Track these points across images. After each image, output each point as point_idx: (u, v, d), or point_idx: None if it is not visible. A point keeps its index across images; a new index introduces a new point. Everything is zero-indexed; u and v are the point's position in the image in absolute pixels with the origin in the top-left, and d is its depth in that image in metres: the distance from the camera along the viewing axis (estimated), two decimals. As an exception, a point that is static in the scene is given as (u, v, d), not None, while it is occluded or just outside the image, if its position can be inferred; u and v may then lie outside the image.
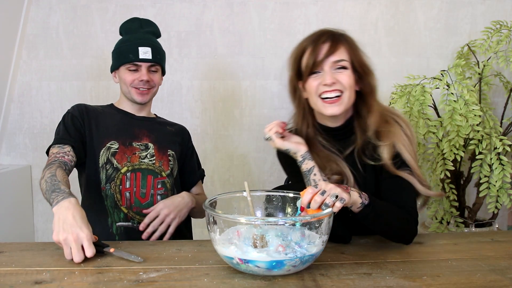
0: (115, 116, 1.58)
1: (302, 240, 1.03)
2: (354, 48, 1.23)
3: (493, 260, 1.09)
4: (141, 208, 1.47)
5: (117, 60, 1.56)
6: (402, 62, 2.38)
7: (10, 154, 2.46)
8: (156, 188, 1.51)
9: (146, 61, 1.53)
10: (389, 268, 1.03)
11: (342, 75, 1.19)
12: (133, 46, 1.53)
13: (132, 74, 1.54)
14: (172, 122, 1.72)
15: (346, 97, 1.20)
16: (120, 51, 1.56)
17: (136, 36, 1.55)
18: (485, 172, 1.84)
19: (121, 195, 1.47)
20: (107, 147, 1.50)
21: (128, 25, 1.60)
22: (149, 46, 1.53)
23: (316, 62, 1.18)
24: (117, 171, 1.48)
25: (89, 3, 2.38)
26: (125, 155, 1.51)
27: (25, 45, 2.41)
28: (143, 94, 1.56)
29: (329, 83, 1.18)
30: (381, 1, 2.36)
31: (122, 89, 1.59)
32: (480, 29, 2.15)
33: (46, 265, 1.07)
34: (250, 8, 2.38)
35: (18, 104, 2.45)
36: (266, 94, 2.42)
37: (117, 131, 1.54)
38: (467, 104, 1.78)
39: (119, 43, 1.59)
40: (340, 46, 1.20)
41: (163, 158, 1.56)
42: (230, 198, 1.20)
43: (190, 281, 0.97)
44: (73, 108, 1.56)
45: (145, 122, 1.60)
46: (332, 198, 1.00)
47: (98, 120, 1.54)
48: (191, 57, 2.42)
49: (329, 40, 1.20)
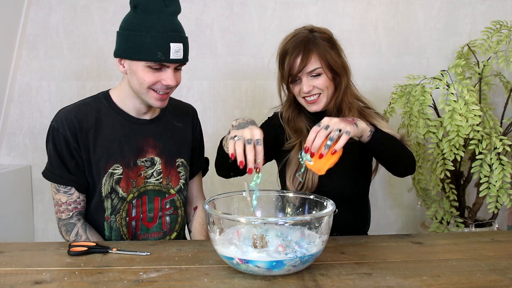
0: (115, 122, 1.31)
1: (302, 240, 1.03)
2: (325, 52, 1.33)
3: (493, 260, 1.09)
4: (148, 233, 1.37)
5: (136, 52, 1.20)
6: (402, 62, 2.38)
7: (10, 154, 2.46)
8: (165, 209, 1.37)
9: (176, 62, 1.23)
10: (389, 268, 1.03)
11: (317, 81, 1.33)
12: (163, 40, 1.19)
13: (154, 74, 1.23)
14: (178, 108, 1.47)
15: (325, 97, 1.36)
16: (142, 42, 1.19)
17: (164, 24, 1.20)
18: (485, 172, 1.84)
19: (128, 227, 1.34)
20: (109, 173, 1.29)
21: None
22: (181, 42, 1.23)
23: (293, 76, 1.33)
24: (123, 201, 1.32)
25: (89, 3, 2.38)
26: (130, 180, 1.31)
27: (25, 45, 2.41)
28: (163, 99, 1.28)
29: (306, 91, 1.33)
30: (381, 1, 2.36)
31: (133, 85, 1.27)
32: (480, 29, 2.15)
33: (46, 265, 1.07)
34: (250, 8, 2.38)
35: (18, 104, 2.45)
36: (266, 94, 2.42)
37: (119, 148, 1.30)
38: (467, 104, 1.78)
39: (138, 27, 1.19)
40: (311, 56, 1.31)
41: (171, 172, 1.38)
42: (230, 198, 1.20)
43: (190, 281, 0.97)
44: (63, 126, 1.26)
45: (149, 126, 1.36)
46: (336, 132, 1.08)
47: (96, 139, 1.28)
48: (191, 57, 2.38)
49: (300, 53, 1.31)
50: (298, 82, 1.35)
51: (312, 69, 1.31)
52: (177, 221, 1.42)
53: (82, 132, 1.27)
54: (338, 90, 1.37)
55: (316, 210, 1.14)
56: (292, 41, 1.34)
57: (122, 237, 1.34)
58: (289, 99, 1.45)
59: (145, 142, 1.34)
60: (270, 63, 2.39)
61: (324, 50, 1.32)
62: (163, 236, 1.39)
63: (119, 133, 1.31)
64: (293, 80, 1.35)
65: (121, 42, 1.24)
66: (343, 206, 1.22)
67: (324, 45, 1.33)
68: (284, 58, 1.35)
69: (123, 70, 1.28)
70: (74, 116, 1.28)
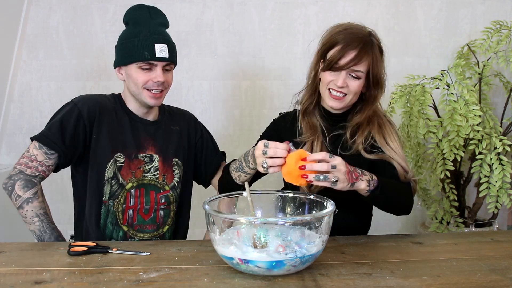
0: (124, 117, 1.46)
1: (302, 240, 1.03)
2: (376, 62, 1.31)
3: (493, 260, 1.09)
4: (144, 225, 1.45)
5: (128, 56, 1.39)
6: (402, 62, 2.38)
7: (10, 154, 2.46)
8: (160, 203, 1.47)
9: (163, 60, 1.39)
10: (389, 268, 1.03)
11: (353, 82, 1.30)
12: (148, 42, 1.37)
13: (145, 73, 1.39)
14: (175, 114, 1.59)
15: (349, 99, 1.33)
16: (132, 46, 1.38)
17: (150, 30, 1.39)
18: (485, 172, 1.84)
19: (123, 214, 1.43)
20: (114, 159, 1.41)
21: (136, 14, 1.43)
22: (165, 43, 1.40)
23: (337, 66, 1.28)
24: (122, 187, 1.42)
25: (89, 3, 2.38)
26: (130, 170, 1.43)
27: (25, 45, 2.41)
28: (157, 98, 1.42)
29: (339, 85, 1.29)
30: (381, 1, 2.36)
31: (131, 88, 1.43)
32: (480, 29, 2.15)
33: (46, 265, 1.07)
34: (250, 8, 2.38)
35: (18, 104, 2.45)
36: (266, 94, 2.42)
37: (124, 141, 1.44)
38: (467, 104, 1.78)
39: (129, 35, 1.40)
40: (364, 59, 1.28)
41: (168, 170, 1.49)
42: (230, 198, 1.20)
43: (190, 281, 0.97)
44: (83, 103, 1.41)
45: (151, 128, 1.50)
46: (333, 178, 1.08)
47: (110, 124, 1.43)
48: (191, 57, 2.42)
49: (357, 49, 1.27)
50: (334, 74, 1.30)
51: (357, 70, 1.28)
52: (170, 216, 1.51)
53: (100, 119, 1.41)
54: (370, 102, 1.35)
55: (316, 210, 1.14)
56: (348, 33, 1.29)
57: (117, 222, 1.42)
58: (313, 87, 1.40)
59: (146, 140, 1.48)
60: (270, 63, 2.41)
61: (376, 59, 1.30)
62: (157, 229, 1.48)
63: (127, 127, 1.46)
64: (334, 69, 1.29)
65: (117, 53, 1.45)
66: (347, 209, 1.22)
67: (378, 55, 1.31)
68: (333, 46, 1.29)
69: (122, 77, 1.46)
70: (96, 100, 1.44)
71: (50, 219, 1.36)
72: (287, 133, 1.42)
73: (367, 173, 1.19)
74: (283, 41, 2.39)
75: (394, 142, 1.35)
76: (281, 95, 2.40)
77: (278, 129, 1.46)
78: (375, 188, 1.19)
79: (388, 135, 1.36)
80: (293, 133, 1.41)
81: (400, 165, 1.32)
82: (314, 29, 2.36)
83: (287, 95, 2.48)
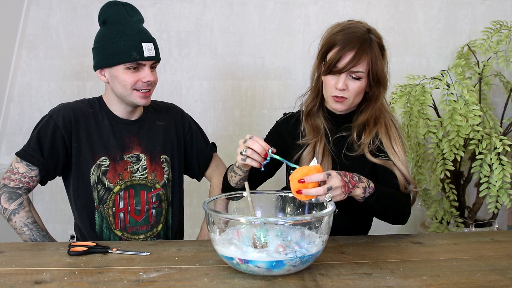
0: (104, 120, 1.43)
1: (302, 240, 1.03)
2: (376, 60, 1.28)
3: (493, 260, 1.09)
4: (137, 226, 1.44)
5: (113, 57, 1.34)
6: (402, 62, 2.37)
7: (10, 154, 2.46)
8: (151, 202, 1.45)
9: (151, 59, 1.37)
10: (389, 268, 1.03)
11: (353, 84, 1.28)
12: (135, 42, 1.34)
13: (134, 74, 1.35)
14: (160, 109, 1.55)
15: (351, 101, 1.31)
16: (117, 47, 1.34)
17: (133, 29, 1.36)
18: (485, 172, 1.84)
19: (115, 218, 1.42)
20: (97, 164, 1.40)
21: (113, 12, 1.37)
22: (151, 41, 1.37)
23: (336, 70, 1.26)
24: (109, 191, 1.40)
25: (89, 3, 2.38)
26: (117, 172, 1.41)
27: (25, 45, 2.41)
28: (146, 97, 1.40)
29: (340, 88, 1.27)
30: (381, 1, 2.36)
31: (117, 90, 1.39)
32: (480, 29, 2.15)
33: (46, 265, 1.07)
34: (250, 8, 2.38)
35: (18, 104, 2.45)
36: (266, 94, 2.42)
37: (107, 144, 1.41)
38: (467, 104, 1.78)
39: (111, 36, 1.35)
40: (363, 59, 1.25)
41: (156, 168, 1.47)
42: (230, 198, 1.20)
43: (190, 281, 0.97)
44: (58, 114, 1.39)
45: (134, 127, 1.46)
46: (328, 198, 1.06)
47: (88, 130, 1.41)
48: (191, 57, 2.42)
49: (354, 50, 1.24)
50: (335, 77, 1.28)
51: (357, 70, 1.25)
52: (162, 214, 1.49)
53: (77, 122, 1.40)
54: (373, 101, 1.34)
55: (316, 210, 1.14)
56: (346, 34, 1.27)
57: (110, 227, 1.42)
58: (316, 89, 1.38)
59: (130, 140, 1.46)
60: (270, 63, 2.41)
61: (376, 58, 1.27)
62: (151, 229, 1.47)
63: (108, 130, 1.43)
64: (333, 72, 1.27)
65: (97, 54, 1.40)
66: (347, 211, 1.22)
67: (377, 52, 1.28)
68: (331, 47, 1.28)
69: (105, 79, 1.41)
70: (71, 108, 1.42)
71: (41, 227, 1.37)
72: (289, 136, 1.41)
73: (365, 179, 1.17)
74: (283, 41, 2.39)
75: (399, 146, 1.34)
76: (281, 95, 2.40)
77: (281, 132, 1.45)
78: (370, 196, 1.17)
79: (394, 139, 1.34)
80: (296, 136, 1.39)
81: (402, 174, 1.30)
82: (314, 29, 2.36)
83: (287, 95, 2.50)
